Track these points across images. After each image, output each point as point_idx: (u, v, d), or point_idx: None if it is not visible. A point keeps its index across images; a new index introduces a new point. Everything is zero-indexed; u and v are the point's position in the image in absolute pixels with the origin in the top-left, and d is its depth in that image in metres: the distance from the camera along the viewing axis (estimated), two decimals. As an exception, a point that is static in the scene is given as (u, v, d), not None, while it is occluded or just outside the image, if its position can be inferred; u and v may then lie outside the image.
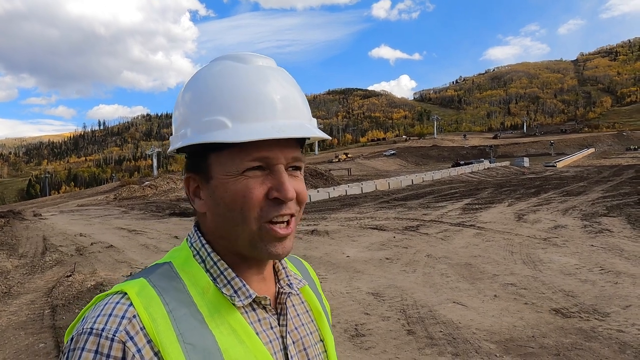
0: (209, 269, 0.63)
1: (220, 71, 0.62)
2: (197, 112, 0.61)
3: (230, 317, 0.60)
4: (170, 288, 0.59)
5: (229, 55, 0.64)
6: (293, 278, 0.72)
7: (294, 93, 0.63)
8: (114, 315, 0.55)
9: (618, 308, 4.88)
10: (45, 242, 11.37)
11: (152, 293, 0.58)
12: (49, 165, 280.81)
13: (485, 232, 9.80)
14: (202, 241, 0.65)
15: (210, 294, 0.61)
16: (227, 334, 0.59)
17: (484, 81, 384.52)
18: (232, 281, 0.63)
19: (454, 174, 36.19)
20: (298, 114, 0.62)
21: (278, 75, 0.63)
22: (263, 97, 0.60)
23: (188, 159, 0.66)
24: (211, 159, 0.61)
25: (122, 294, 0.58)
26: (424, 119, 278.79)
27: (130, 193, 34.72)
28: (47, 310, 5.71)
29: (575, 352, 3.87)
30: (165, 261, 0.65)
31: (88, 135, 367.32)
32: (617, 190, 17.62)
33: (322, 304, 0.79)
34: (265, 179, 0.60)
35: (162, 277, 0.61)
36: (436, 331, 4.45)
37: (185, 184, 0.66)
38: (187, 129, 0.62)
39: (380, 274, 6.80)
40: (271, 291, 0.69)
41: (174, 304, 0.58)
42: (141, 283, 0.59)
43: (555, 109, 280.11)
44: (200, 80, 0.64)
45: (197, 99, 0.62)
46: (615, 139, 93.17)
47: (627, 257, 7.07)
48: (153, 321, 0.55)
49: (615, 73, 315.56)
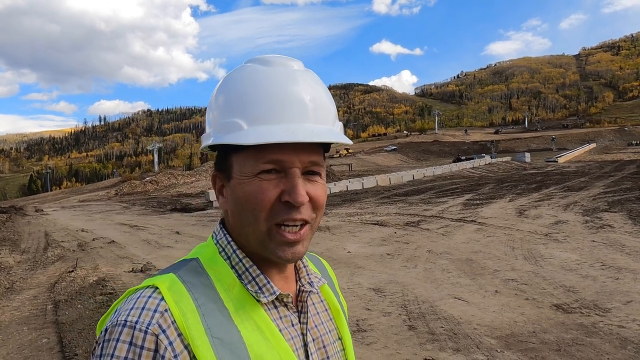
0: (234, 266, 0.65)
1: (240, 74, 0.64)
2: (219, 114, 0.64)
3: (255, 314, 0.62)
4: (199, 284, 0.61)
5: (254, 58, 0.66)
6: (313, 276, 0.74)
7: (317, 95, 0.63)
8: (146, 309, 0.56)
9: (619, 304, 4.88)
10: (47, 238, 11.40)
11: (182, 288, 0.60)
12: (50, 160, 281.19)
13: (486, 228, 9.80)
14: (227, 238, 0.67)
15: (236, 290, 0.63)
16: (252, 330, 0.60)
17: (486, 76, 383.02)
18: (257, 278, 0.64)
19: (455, 169, 36.15)
20: (317, 116, 0.62)
21: (304, 77, 0.63)
22: (280, 99, 0.60)
23: (216, 158, 0.69)
24: (232, 159, 0.63)
25: (154, 289, 0.59)
26: (425, 114, 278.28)
27: (131, 189, 34.77)
28: (49, 305, 5.74)
29: (576, 347, 3.88)
30: (192, 257, 0.66)
31: (89, 130, 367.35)
32: (619, 186, 17.59)
33: (339, 302, 0.80)
34: (279, 182, 0.61)
35: (190, 272, 0.63)
36: (437, 327, 4.46)
37: (212, 181, 0.69)
38: (211, 130, 0.65)
39: (381, 269, 6.82)
40: (292, 289, 0.70)
41: (203, 299, 0.59)
42: (171, 278, 0.61)
43: (557, 104, 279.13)
44: (225, 83, 0.66)
45: (220, 101, 0.65)
46: (617, 134, 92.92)
47: (628, 253, 7.07)
48: (183, 315, 0.57)
49: (618, 68, 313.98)
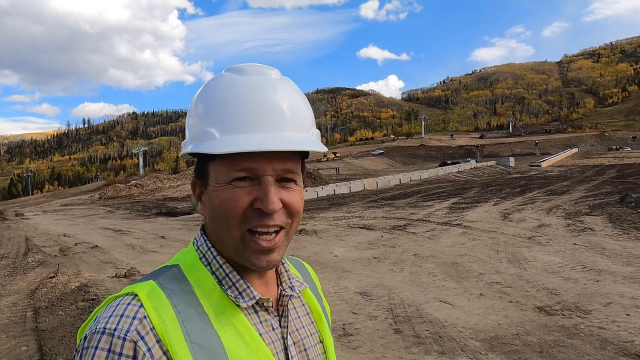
0: (214, 272, 0.66)
1: (219, 83, 0.65)
2: (196, 122, 0.65)
3: (235, 319, 0.63)
4: (178, 290, 0.62)
5: (231, 68, 0.67)
6: (295, 281, 0.74)
7: (295, 103, 0.64)
8: (125, 316, 0.57)
9: (599, 305, 4.99)
10: (28, 243, 11.14)
11: (161, 295, 0.60)
12: (31, 163, 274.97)
13: (471, 231, 9.92)
14: (208, 244, 0.67)
15: (215, 296, 0.63)
16: (232, 335, 0.61)
17: (471, 81, 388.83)
18: (237, 283, 0.65)
19: (441, 173, 36.53)
20: (295, 124, 0.63)
21: (281, 86, 0.64)
22: (254, 108, 0.61)
23: (196, 164, 0.69)
24: (209, 167, 0.64)
25: (133, 296, 0.60)
26: (412, 118, 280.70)
27: (115, 192, 34.23)
28: (29, 312, 5.59)
29: (558, 349, 3.94)
30: (173, 264, 0.67)
31: (72, 133, 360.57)
32: (599, 190, 18.01)
33: (322, 306, 0.81)
34: (252, 190, 0.62)
35: (170, 279, 0.63)
36: (423, 330, 4.49)
37: (192, 188, 0.70)
38: (189, 137, 0.67)
39: (368, 273, 6.83)
40: (273, 293, 0.71)
41: (182, 305, 0.60)
42: (151, 285, 0.61)
43: (540, 110, 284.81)
44: (203, 92, 0.67)
45: (198, 110, 0.66)
46: (597, 139, 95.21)
47: (609, 256, 7.23)
48: (162, 322, 0.57)
49: (598, 75, 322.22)
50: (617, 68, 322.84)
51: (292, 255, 0.90)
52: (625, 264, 6.66)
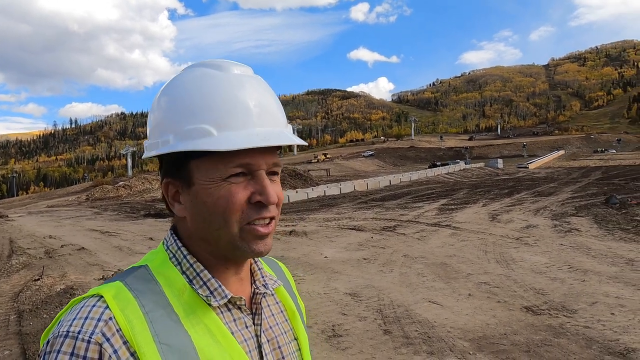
0: (185, 271, 0.65)
1: (200, 78, 0.64)
2: (179, 120, 0.63)
3: (206, 318, 0.62)
4: (147, 290, 0.61)
5: (206, 63, 0.66)
6: (268, 279, 0.75)
7: (270, 100, 0.66)
8: (90, 318, 0.56)
9: (585, 305, 5.06)
10: (12, 245, 10.92)
11: (128, 296, 0.59)
12: (16, 164, 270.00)
13: (460, 232, 10.00)
14: (178, 244, 0.67)
15: (186, 296, 0.63)
16: (203, 334, 0.60)
17: (460, 84, 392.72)
18: (208, 282, 0.64)
19: (431, 174, 36.79)
20: (275, 121, 0.65)
21: (255, 83, 0.65)
22: (243, 104, 0.62)
23: (165, 164, 0.67)
24: (192, 165, 0.63)
25: (99, 297, 0.59)
26: (402, 120, 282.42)
27: (103, 193, 33.78)
28: (12, 315, 5.48)
29: (544, 348, 3.99)
30: (141, 264, 0.66)
31: (59, 133, 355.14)
32: (585, 191, 18.31)
33: (297, 304, 0.81)
34: (247, 184, 0.62)
35: (138, 279, 0.62)
36: (412, 330, 4.51)
37: (164, 189, 0.67)
38: (170, 136, 0.63)
39: (357, 274, 6.84)
40: (247, 291, 0.71)
41: (150, 305, 0.59)
42: (117, 286, 0.61)
43: (528, 112, 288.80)
44: (180, 87, 0.65)
45: (177, 106, 0.64)
46: (583, 141, 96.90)
47: (594, 256, 7.35)
48: (129, 323, 0.56)
49: (584, 78, 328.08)
50: (602, 72, 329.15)
51: (282, 257, 0.90)
52: (610, 264, 6.77)
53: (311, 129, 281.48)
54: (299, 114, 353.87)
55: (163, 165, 0.67)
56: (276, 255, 8.36)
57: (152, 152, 0.66)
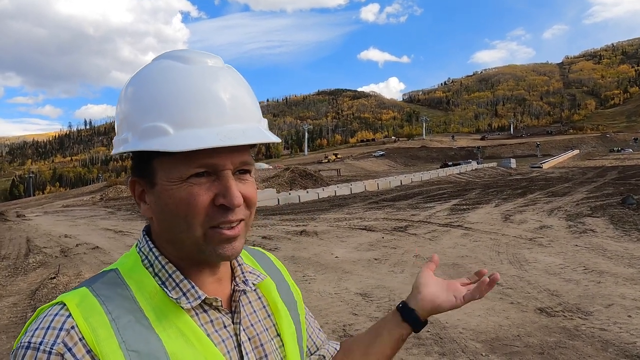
0: (157, 273, 0.63)
1: (160, 72, 0.59)
2: (137, 117, 0.59)
3: (179, 320, 0.60)
4: (115, 295, 0.59)
5: (170, 54, 0.62)
6: (249, 274, 0.72)
7: (241, 93, 0.61)
8: (51, 328, 0.55)
9: (601, 307, 4.97)
10: (29, 244, 11.15)
11: (93, 302, 0.57)
12: (33, 165, 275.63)
13: (472, 233, 9.90)
14: (149, 245, 0.65)
15: (157, 299, 0.60)
16: (175, 338, 0.58)
17: (472, 83, 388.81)
18: (181, 284, 0.62)
19: (442, 174, 36.51)
20: (246, 115, 0.60)
21: (225, 75, 0.60)
22: (206, 100, 0.57)
23: (132, 162, 0.65)
24: (155, 165, 0.60)
25: (62, 305, 0.57)
26: (413, 120, 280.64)
27: (117, 193, 34.27)
28: (29, 312, 5.60)
29: (559, 350, 3.93)
30: (112, 268, 0.64)
31: (74, 134, 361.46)
32: (601, 191, 17.97)
33: (289, 292, 0.79)
34: (211, 185, 0.59)
35: (106, 285, 0.60)
36: (423, 331, 4.46)
37: (131, 188, 0.65)
38: (129, 134, 0.60)
39: (368, 274, 6.82)
40: (227, 290, 0.69)
41: (118, 311, 0.57)
42: (82, 293, 0.59)
43: (542, 111, 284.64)
44: (141, 81, 0.61)
45: (136, 102, 0.60)
46: (599, 140, 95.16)
47: (610, 257, 7.21)
48: (93, 331, 0.55)
49: (600, 76, 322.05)
50: (618, 69, 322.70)
51: (293, 257, 0.89)
52: (627, 266, 6.64)
53: (322, 129, 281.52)
54: (309, 114, 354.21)
55: (132, 162, 0.65)
56: (287, 255, 8.39)
57: (117, 150, 0.63)
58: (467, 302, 0.81)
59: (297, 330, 0.77)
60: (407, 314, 0.82)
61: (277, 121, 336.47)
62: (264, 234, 10.94)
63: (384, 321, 0.85)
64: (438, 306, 0.82)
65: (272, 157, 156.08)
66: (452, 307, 0.82)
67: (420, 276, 0.86)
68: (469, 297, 0.81)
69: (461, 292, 0.82)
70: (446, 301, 0.82)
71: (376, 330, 0.84)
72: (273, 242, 9.74)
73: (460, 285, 0.84)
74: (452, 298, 0.82)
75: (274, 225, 12.70)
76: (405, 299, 0.85)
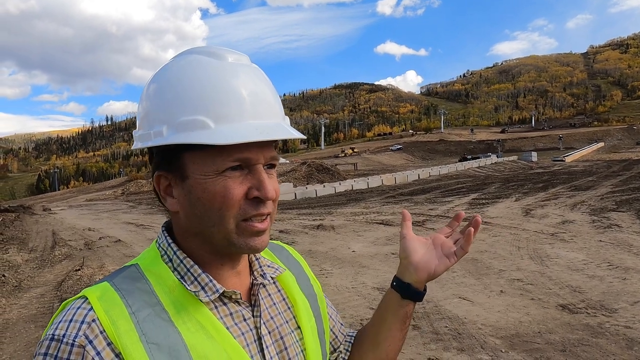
0: (176, 268, 0.64)
1: (196, 67, 0.60)
2: (172, 110, 0.59)
3: (198, 313, 0.61)
4: (134, 289, 0.60)
5: (200, 50, 0.63)
6: (267, 267, 0.73)
7: (267, 91, 0.62)
8: (74, 321, 0.56)
9: (626, 304, 4.84)
10: (55, 237, 11.51)
11: (114, 296, 0.59)
12: (57, 160, 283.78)
13: (492, 227, 9.75)
14: (168, 241, 0.66)
15: (176, 292, 0.62)
16: (195, 331, 0.59)
17: (492, 75, 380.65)
18: (199, 277, 0.63)
19: (461, 168, 35.97)
20: (273, 113, 0.62)
21: (252, 73, 0.62)
22: (243, 95, 0.59)
23: (157, 157, 0.64)
24: (185, 158, 0.60)
25: (84, 299, 0.59)
26: (431, 113, 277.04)
27: (138, 188, 35.00)
28: (56, 303, 5.79)
29: (581, 348, 3.85)
30: (132, 263, 0.66)
31: (96, 130, 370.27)
32: (627, 185, 17.40)
33: (308, 285, 0.80)
34: (244, 179, 0.60)
35: (126, 279, 0.62)
36: (441, 326, 4.45)
37: (156, 182, 0.65)
38: (163, 127, 0.60)
39: (385, 269, 6.81)
40: (246, 283, 0.70)
41: (138, 305, 0.59)
42: (104, 287, 0.60)
43: (564, 103, 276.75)
44: (173, 75, 0.61)
45: (170, 95, 0.60)
46: (625, 132, 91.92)
47: (636, 253, 7.00)
48: (113, 324, 0.56)
49: (626, 66, 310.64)
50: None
51: (310, 251, 0.89)
52: (654, 262, 6.43)
53: (338, 123, 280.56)
54: (326, 108, 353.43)
55: (154, 157, 0.65)
56: (304, 249, 8.43)
57: (148, 143, 0.62)
58: (459, 258, 0.80)
59: (318, 323, 0.77)
60: (404, 290, 0.81)
61: (294, 115, 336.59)
62: (281, 228, 11.02)
63: (384, 304, 0.83)
64: (433, 273, 0.80)
65: (289, 152, 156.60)
66: (447, 268, 0.80)
67: (405, 242, 0.84)
68: (460, 253, 0.79)
69: (450, 248, 0.80)
70: (440, 265, 0.80)
71: (380, 317, 0.83)
72: (290, 236, 9.80)
73: (444, 237, 0.82)
74: (445, 260, 0.80)
75: (291, 219, 12.76)
76: (396, 273, 0.84)
